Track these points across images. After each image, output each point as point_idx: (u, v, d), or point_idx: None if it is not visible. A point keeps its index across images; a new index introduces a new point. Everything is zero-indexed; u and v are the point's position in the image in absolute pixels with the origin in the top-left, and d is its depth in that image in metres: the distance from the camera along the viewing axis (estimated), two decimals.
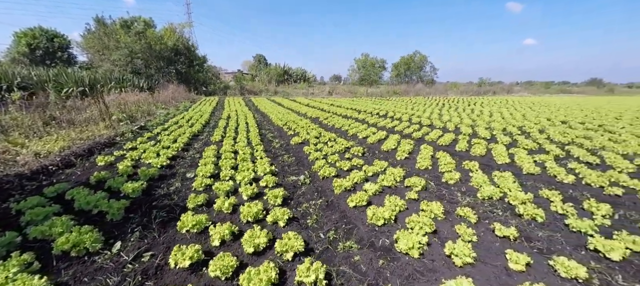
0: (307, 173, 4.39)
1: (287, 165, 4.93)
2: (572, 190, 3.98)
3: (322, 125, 9.51)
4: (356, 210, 3.22)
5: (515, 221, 2.97)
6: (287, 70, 51.21)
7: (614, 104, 19.82)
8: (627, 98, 28.92)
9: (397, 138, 6.98)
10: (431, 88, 33.24)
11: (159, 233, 2.64)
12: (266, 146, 6.26)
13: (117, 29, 19.71)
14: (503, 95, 32.88)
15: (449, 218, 3.06)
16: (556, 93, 37.32)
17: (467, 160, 5.38)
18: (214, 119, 9.91)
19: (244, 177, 3.82)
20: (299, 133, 7.38)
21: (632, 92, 48.56)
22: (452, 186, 4.09)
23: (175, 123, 8.25)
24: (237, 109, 12.87)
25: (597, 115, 12.59)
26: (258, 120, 10.50)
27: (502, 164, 5.18)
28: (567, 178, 4.23)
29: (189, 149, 5.77)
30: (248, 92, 25.46)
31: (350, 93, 28.96)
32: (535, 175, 4.60)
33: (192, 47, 22.89)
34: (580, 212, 3.29)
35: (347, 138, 7.36)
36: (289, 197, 3.58)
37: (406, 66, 36.87)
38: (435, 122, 9.93)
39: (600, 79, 56.12)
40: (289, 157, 5.45)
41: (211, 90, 24.70)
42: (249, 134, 6.94)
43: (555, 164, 4.90)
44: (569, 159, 5.58)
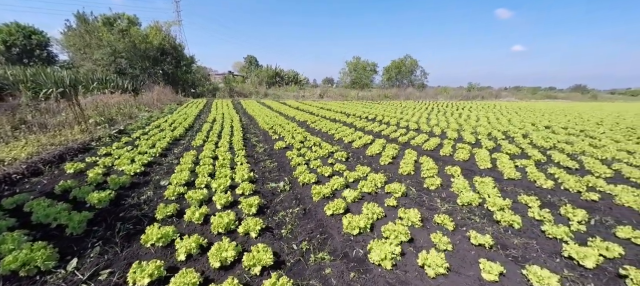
0: (287, 180, 4.28)
1: (268, 171, 4.81)
2: (550, 195, 4.00)
3: (309, 129, 9.42)
4: (333, 218, 3.13)
5: (492, 229, 2.94)
6: (279, 72, 50.96)
7: (596, 110, 20.51)
8: (609, 104, 30.05)
9: (382, 142, 6.95)
10: (422, 92, 33.69)
11: (121, 248, 2.48)
12: (249, 151, 6.12)
13: (99, 26, 19.14)
14: (491, 100, 33.58)
15: (427, 225, 3.01)
16: (542, 99, 38.36)
17: (450, 165, 5.39)
18: (199, 123, 9.69)
19: (219, 184, 3.68)
20: (284, 137, 7.27)
21: (614, 98, 50.51)
22: (433, 192, 4.06)
23: (156, 127, 8.00)
24: (224, 112, 12.65)
25: (579, 121, 12.95)
26: (244, 123, 10.33)
27: (484, 169, 5.20)
28: (546, 184, 4.27)
29: (168, 154, 5.58)
30: (238, 94, 25.14)
31: (341, 96, 29.02)
32: (516, 180, 4.63)
33: (179, 47, 22.43)
34: (557, 218, 3.30)
35: (332, 142, 7.29)
36: (266, 205, 3.46)
37: (397, 70, 37.28)
38: (423, 126, 9.99)
39: (584, 86, 58.03)
40: (271, 162, 5.33)
41: (200, 92, 24.27)
42: (232, 139, 6.78)
43: (536, 169, 4.94)
44: (549, 164, 5.66)
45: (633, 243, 2.78)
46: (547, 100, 36.62)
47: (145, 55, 19.35)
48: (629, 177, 4.83)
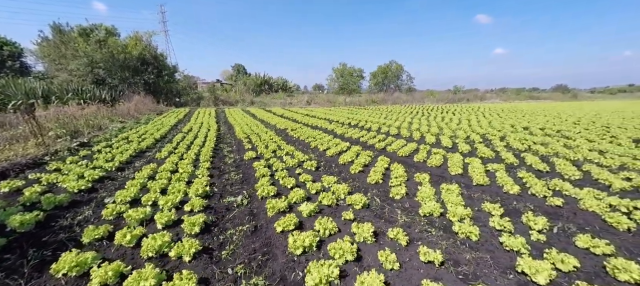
0: (246, 193, 4.05)
1: (230, 184, 4.57)
2: (516, 201, 3.90)
3: (286, 137, 9.22)
4: (282, 236, 2.92)
5: (446, 243, 2.77)
6: (268, 79, 50.76)
7: (576, 109, 21.03)
8: (588, 103, 30.96)
9: (357, 150, 6.80)
10: (409, 96, 34.06)
11: (27, 280, 2.19)
12: (217, 162, 5.86)
13: (75, 37, 18.55)
14: (476, 102, 34.19)
15: (380, 240, 2.83)
16: (525, 100, 39.32)
17: (422, 171, 5.27)
18: (173, 133, 9.36)
19: (167, 201, 3.42)
20: (257, 147, 7.04)
21: (594, 97, 52.30)
22: (397, 202, 3.89)
23: (124, 139, 7.65)
24: (203, 121, 12.33)
25: (557, 121, 13.18)
26: (222, 132, 10.06)
27: (455, 175, 5.09)
28: (513, 189, 4.17)
29: (127, 168, 5.26)
30: (223, 102, 24.74)
31: (329, 102, 28.99)
32: (484, 185, 4.52)
33: (161, 56, 21.97)
34: (518, 227, 3.17)
35: (307, 151, 7.10)
36: (215, 222, 3.22)
37: (384, 75, 37.69)
38: (403, 131, 9.93)
39: (565, 85, 60.01)
40: (237, 174, 5.09)
41: (184, 101, 23.78)
42: (201, 150, 6.51)
43: (506, 174, 4.86)
44: (521, 167, 5.60)
45: (591, 253, 2.66)
46: (530, 100, 37.55)
47: (125, 66, 18.85)
48: (598, 178, 4.80)
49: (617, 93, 63.10)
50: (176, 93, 26.53)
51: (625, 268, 2.30)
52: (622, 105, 26.71)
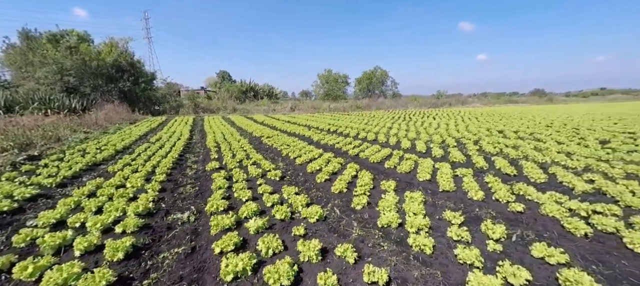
0: (194, 209, 3.72)
1: (182, 198, 4.22)
2: (479, 208, 3.77)
3: (260, 145, 8.92)
4: (221, 257, 2.62)
5: (397, 258, 2.57)
6: (253, 86, 50.29)
7: (550, 112, 21.83)
8: (563, 107, 32.32)
9: (328, 157, 6.60)
10: (393, 102, 34.48)
11: None
12: (176, 174, 5.49)
13: (44, 43, 17.58)
14: (458, 106, 35.01)
15: (328, 259, 2.59)
16: (505, 104, 40.67)
17: (391, 178, 5.11)
18: (139, 143, 8.84)
19: (97, 222, 3.05)
20: (223, 156, 6.71)
21: (569, 101, 54.83)
22: (357, 212, 3.68)
23: (80, 151, 7.12)
24: (176, 130, 11.82)
25: (531, 124, 13.52)
26: (193, 141, 9.63)
27: (423, 181, 4.95)
28: (477, 195, 4.05)
29: (72, 184, 4.80)
30: (203, 110, 24.07)
31: (313, 108, 28.86)
32: (450, 192, 4.40)
33: (138, 63, 21.19)
34: (477, 236, 3.02)
35: (276, 159, 6.83)
36: (147, 245, 2.88)
37: (368, 81, 38.12)
38: (381, 137, 9.83)
39: (542, 90, 62.65)
40: (193, 186, 4.75)
41: (163, 110, 22.98)
42: (162, 161, 6.11)
43: (473, 179, 4.77)
44: (490, 171, 5.55)
45: (546, 262, 2.52)
46: (509, 104, 38.86)
47: (98, 73, 18.00)
48: (562, 181, 4.78)
49: (590, 96, 66.50)
50: (156, 101, 25.67)
51: (577, 280, 2.15)
52: (593, 107, 28.03)
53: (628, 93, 66.81)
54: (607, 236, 2.97)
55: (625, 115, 16.68)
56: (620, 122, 13.71)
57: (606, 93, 66.78)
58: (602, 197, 4.13)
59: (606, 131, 10.45)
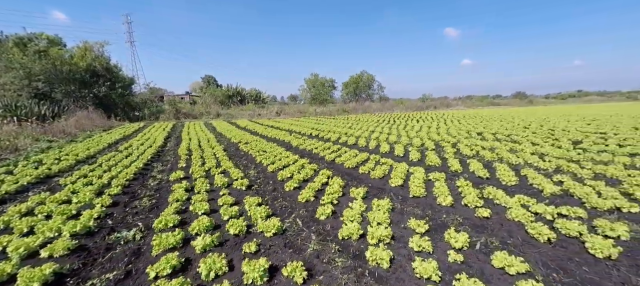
0: (142, 225, 3.42)
1: (134, 213, 3.89)
2: (446, 214, 3.64)
3: (235, 151, 8.61)
4: (158, 281, 2.35)
5: (349, 276, 2.37)
6: (240, 91, 49.62)
7: (529, 114, 22.49)
8: (542, 108, 33.54)
9: (302, 163, 6.39)
10: (380, 105, 34.77)
11: None
12: (136, 186, 5.12)
13: (10, 47, 16.62)
14: (443, 109, 35.68)
15: (276, 279, 2.36)
16: (487, 106, 41.83)
17: (363, 184, 4.96)
18: (107, 151, 8.35)
19: (19, 246, 2.70)
20: (192, 164, 6.38)
21: (548, 102, 57.01)
22: (320, 223, 3.48)
23: (36, 162, 6.61)
24: (150, 136, 11.33)
25: (510, 126, 13.78)
26: (166, 148, 9.20)
27: (394, 187, 4.82)
28: (446, 200, 3.93)
29: (13, 200, 4.37)
30: (185, 116, 23.39)
31: (299, 113, 28.65)
32: (420, 197, 4.26)
33: (114, 68, 20.33)
34: (440, 245, 2.87)
35: (249, 167, 6.57)
36: (75, 270, 2.56)
37: (355, 85, 38.35)
38: (361, 141, 9.71)
39: (523, 92, 64.96)
40: (151, 199, 4.42)
41: (142, 116, 22.14)
42: (123, 171, 5.72)
43: (444, 184, 4.67)
44: (464, 174, 5.49)
45: (506, 273, 2.39)
46: (492, 107, 39.99)
47: (70, 78, 17.14)
48: (532, 183, 4.75)
49: (568, 98, 69.53)
50: (136, 107, 24.79)
51: None
52: (570, 109, 29.15)
53: (603, 95, 70.34)
54: (570, 241, 2.89)
55: (599, 116, 17.34)
56: (593, 122, 14.21)
57: (582, 96, 69.97)
58: (569, 198, 4.10)
59: (579, 132, 10.75)
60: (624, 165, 5.81)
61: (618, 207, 3.65)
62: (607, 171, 5.18)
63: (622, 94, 69.03)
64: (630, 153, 6.89)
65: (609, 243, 2.62)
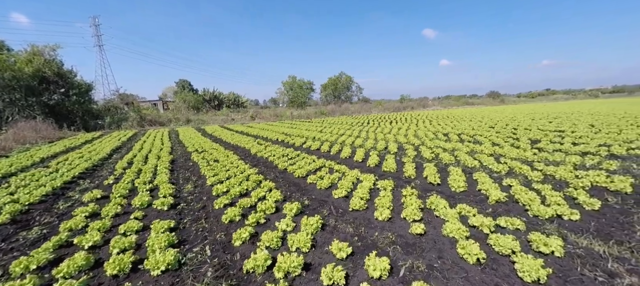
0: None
1: (9, 250, 3.20)
2: (380, 231, 3.25)
3: (184, 162, 7.92)
4: None
5: None
6: (217, 95, 48.09)
7: (499, 113, 23.15)
8: (512, 107, 34.83)
9: (249, 173, 5.88)
10: (358, 107, 34.78)
11: None
12: (37, 211, 4.37)
13: None
14: (420, 109, 36.28)
15: None
16: (462, 106, 43.05)
17: (304, 197, 4.55)
18: (35, 167, 7.39)
19: None
20: (123, 180, 5.67)
21: (519, 101, 59.78)
22: (234, 250, 2.97)
23: None
24: (99, 147, 10.34)
25: (477, 125, 13.92)
26: (111, 160, 8.33)
27: (337, 198, 4.40)
28: (384, 215, 3.54)
29: None
30: (152, 122, 22.00)
31: (276, 116, 27.98)
32: (359, 211, 3.87)
33: (69, 73, 18.71)
34: (359, 274, 2.45)
35: (189, 180, 5.95)
36: None
37: (333, 87, 38.20)
38: (325, 146, 9.29)
39: (497, 92, 67.71)
40: (43, 229, 3.71)
41: (103, 124, 20.58)
42: (32, 192, 4.93)
43: (390, 193, 4.30)
44: (416, 180, 5.20)
45: None
46: (466, 106, 41.21)
47: (14, 85, 15.50)
48: (481, 188, 4.50)
49: (537, 97, 73.47)
50: (98, 114, 23.10)
51: None
52: (536, 108, 30.47)
53: (568, 93, 74.97)
54: (502, 261, 2.57)
55: (561, 114, 18.07)
56: (555, 120, 14.70)
57: (549, 94, 74.25)
58: (514, 205, 3.86)
59: (540, 130, 10.96)
60: (574, 165, 5.77)
61: (559, 214, 3.43)
62: (557, 172, 5.06)
63: (585, 92, 73.95)
64: (582, 151, 6.93)
65: (538, 263, 2.31)
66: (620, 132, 9.25)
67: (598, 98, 56.49)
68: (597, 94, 67.74)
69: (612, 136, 8.57)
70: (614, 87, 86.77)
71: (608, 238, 2.95)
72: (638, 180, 4.62)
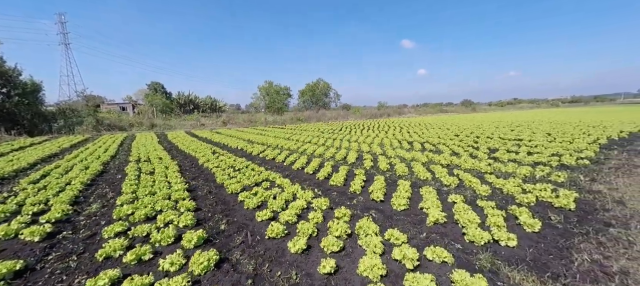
0: None
1: None
2: (286, 268, 2.67)
3: (112, 175, 6.97)
4: None
5: None
6: (193, 99, 46.10)
7: (468, 121, 23.72)
8: (480, 115, 36.18)
9: (172, 191, 5.10)
10: (334, 113, 34.54)
11: None
12: None
13: None
14: (395, 116, 36.72)
15: None
16: (436, 113, 44.25)
17: (224, 220, 3.85)
18: None
19: None
20: (20, 194, 4.69)
21: (490, 109, 62.70)
22: None
23: None
24: (21, 157, 9.02)
25: (443, 133, 13.89)
26: None
27: (261, 222, 3.78)
28: (298, 245, 2.97)
29: None
30: (109, 127, 20.14)
31: (249, 122, 26.97)
32: (276, 239, 3.27)
33: (12, 71, 16.67)
34: None
35: (102, 198, 5.08)
36: None
37: (311, 93, 37.79)
38: (281, 155, 8.67)
39: (470, 100, 70.72)
40: None
41: (56, 128, 18.57)
42: None
43: (321, 214, 3.75)
44: (358, 197, 4.70)
45: None
46: (440, 114, 42.37)
47: None
48: (423, 206, 4.07)
49: (506, 105, 77.65)
50: (50, 117, 20.95)
51: None
52: (503, 116, 31.75)
53: (533, 102, 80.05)
54: None
55: (524, 123, 18.69)
56: (517, 128, 15.07)
57: (516, 103, 78.77)
58: (453, 227, 3.44)
59: (501, 139, 11.03)
60: (524, 177, 5.57)
61: (496, 239, 3.03)
62: (505, 186, 4.78)
63: (548, 102, 79.32)
64: (535, 161, 6.83)
65: None
66: (573, 141, 9.44)
67: (558, 107, 60.66)
68: (557, 104, 72.82)
69: (564, 145, 8.68)
70: (572, 97, 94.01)
71: (544, 269, 2.56)
72: (583, 194, 4.42)
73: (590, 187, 4.77)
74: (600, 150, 8.01)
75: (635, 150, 7.97)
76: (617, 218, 3.56)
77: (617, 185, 4.75)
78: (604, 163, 6.47)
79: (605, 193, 4.41)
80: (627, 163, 6.33)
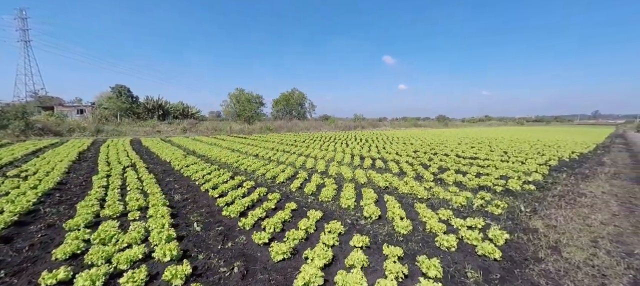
0: None
1: None
2: None
3: None
4: None
5: None
6: (163, 104, 43.35)
7: (436, 136, 23.64)
8: (450, 130, 36.82)
9: None
10: (307, 124, 33.60)
11: None
12: None
13: None
14: (369, 129, 36.47)
15: None
16: (411, 127, 44.74)
17: None
18: None
19: None
20: None
21: (462, 125, 64.85)
22: None
23: None
24: None
25: (403, 149, 13.27)
26: None
27: None
28: None
29: None
30: (43, 132, 17.57)
31: (214, 130, 25.25)
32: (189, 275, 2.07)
33: None
34: None
35: None
36: None
37: (285, 102, 36.77)
38: (204, 170, 7.42)
39: (444, 116, 73.02)
40: None
41: None
42: None
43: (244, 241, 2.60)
44: (297, 217, 3.61)
45: None
46: (414, 128, 42.84)
47: None
48: (365, 223, 3.04)
49: (478, 122, 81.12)
50: None
51: None
52: (471, 132, 32.41)
53: (501, 120, 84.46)
54: None
55: (487, 140, 18.68)
56: (478, 145, 14.85)
57: (487, 120, 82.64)
58: None
59: (457, 157, 10.52)
60: (459, 206, 4.78)
61: None
62: (431, 220, 3.90)
63: (514, 120, 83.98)
64: (480, 185, 6.16)
65: None
66: (525, 161, 9.04)
67: (523, 126, 64.02)
68: (522, 122, 77.11)
69: (516, 166, 8.19)
70: (536, 116, 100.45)
71: None
72: (516, 234, 3.63)
73: (527, 223, 4.02)
74: (550, 173, 7.56)
75: (583, 173, 7.61)
76: (549, 275, 2.73)
77: (556, 222, 4.03)
78: (549, 189, 5.89)
79: (542, 233, 3.65)
80: (572, 190, 5.78)
